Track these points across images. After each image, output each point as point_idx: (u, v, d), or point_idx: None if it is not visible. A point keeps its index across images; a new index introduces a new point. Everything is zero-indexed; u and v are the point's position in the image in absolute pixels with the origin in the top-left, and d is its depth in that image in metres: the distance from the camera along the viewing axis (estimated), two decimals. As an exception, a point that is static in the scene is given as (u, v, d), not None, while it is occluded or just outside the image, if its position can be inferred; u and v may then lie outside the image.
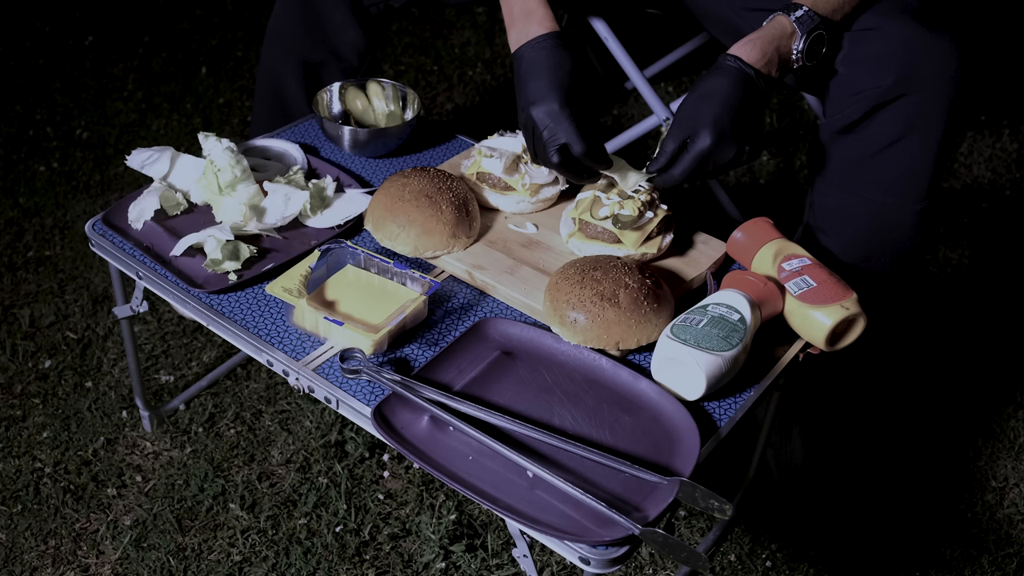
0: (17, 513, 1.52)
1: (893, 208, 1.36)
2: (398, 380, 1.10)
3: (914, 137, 1.30)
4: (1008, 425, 1.74)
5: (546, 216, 1.39)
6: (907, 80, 1.26)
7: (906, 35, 1.26)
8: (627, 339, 1.15)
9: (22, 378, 1.74)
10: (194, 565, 1.46)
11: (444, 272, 1.31)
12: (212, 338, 1.82)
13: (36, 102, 2.49)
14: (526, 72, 1.27)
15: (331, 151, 1.53)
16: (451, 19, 2.90)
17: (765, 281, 1.20)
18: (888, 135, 1.31)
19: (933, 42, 1.26)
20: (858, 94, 1.29)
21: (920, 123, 1.29)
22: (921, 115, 1.29)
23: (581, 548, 0.97)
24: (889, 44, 1.27)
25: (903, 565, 1.52)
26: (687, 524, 1.55)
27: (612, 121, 2.48)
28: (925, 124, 1.29)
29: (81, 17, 2.84)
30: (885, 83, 1.27)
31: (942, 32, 1.27)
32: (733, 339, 1.11)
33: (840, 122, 1.33)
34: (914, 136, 1.30)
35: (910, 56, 1.26)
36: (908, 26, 1.27)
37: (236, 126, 2.43)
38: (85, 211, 2.13)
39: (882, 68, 1.27)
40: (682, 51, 2.36)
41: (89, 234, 1.34)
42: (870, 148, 1.33)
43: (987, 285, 2.05)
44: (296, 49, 1.64)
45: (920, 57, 1.26)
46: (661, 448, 1.07)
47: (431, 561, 1.47)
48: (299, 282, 1.19)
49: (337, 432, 1.64)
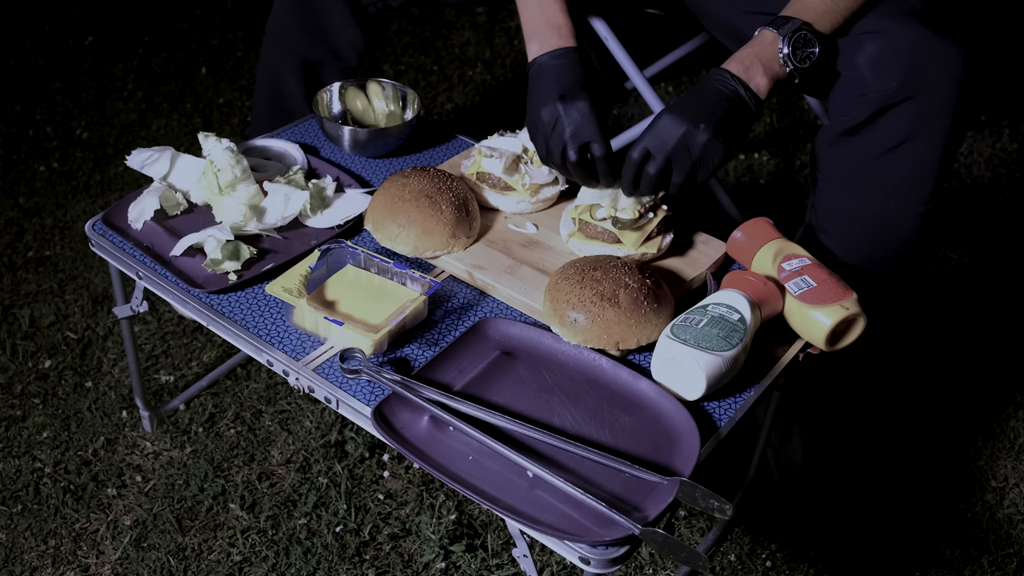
0: (17, 513, 1.52)
1: (896, 210, 1.36)
2: (398, 380, 1.10)
3: (919, 140, 1.30)
4: (1008, 425, 1.74)
5: (546, 216, 1.39)
6: (913, 83, 1.26)
7: (912, 38, 1.26)
8: (627, 339, 1.15)
9: (22, 378, 1.74)
10: (194, 565, 1.46)
11: (444, 272, 1.31)
12: (212, 338, 1.82)
13: (36, 102, 2.49)
14: (551, 73, 1.28)
15: (331, 151, 1.53)
16: (451, 19, 2.90)
17: (765, 281, 1.20)
18: (893, 138, 1.31)
19: (939, 45, 1.26)
20: (862, 96, 1.29)
21: (925, 126, 1.29)
22: (926, 118, 1.28)
23: (581, 548, 0.97)
24: (895, 47, 1.26)
25: (903, 565, 1.52)
26: (687, 524, 1.55)
27: (612, 121, 2.48)
28: (930, 127, 1.29)
29: (81, 17, 2.84)
30: (891, 86, 1.26)
31: (947, 35, 1.27)
32: (733, 339, 1.11)
33: (845, 124, 1.33)
34: (919, 139, 1.30)
35: (916, 59, 1.26)
36: (914, 29, 1.26)
37: (236, 126, 2.43)
38: (85, 211, 2.13)
39: (888, 71, 1.27)
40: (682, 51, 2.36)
41: (89, 234, 1.34)
42: (875, 150, 1.33)
43: (987, 285, 2.05)
44: (295, 48, 1.64)
45: (926, 60, 1.26)
46: (661, 448, 1.07)
47: (431, 561, 1.47)
48: (299, 282, 1.19)
49: (337, 432, 1.64)
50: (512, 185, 1.37)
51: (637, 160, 1.21)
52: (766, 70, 1.23)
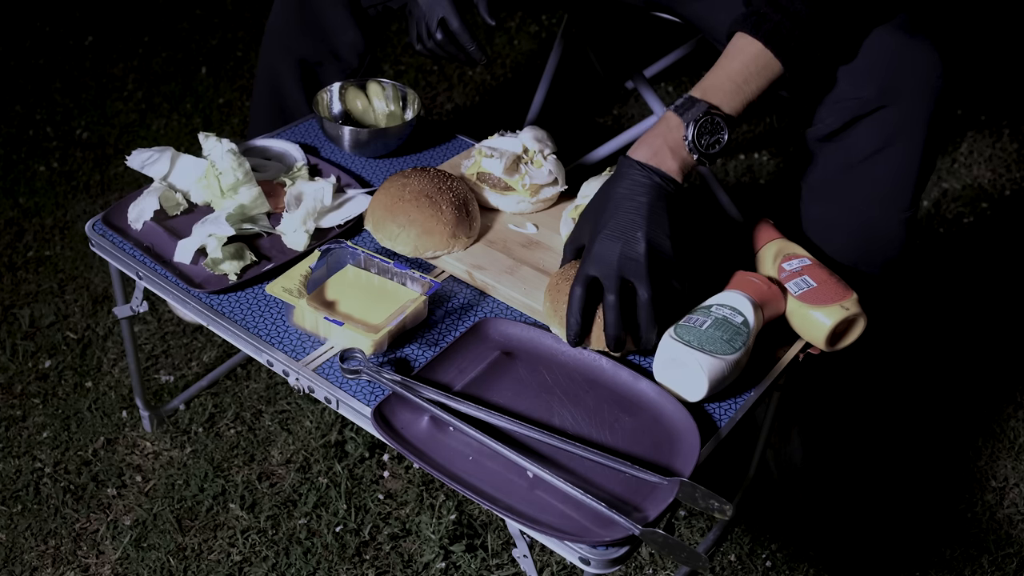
0: (17, 513, 1.52)
1: (879, 217, 1.35)
2: (398, 380, 1.10)
3: (896, 147, 1.29)
4: (1008, 425, 1.74)
5: (546, 216, 1.39)
6: (888, 91, 1.25)
7: (889, 46, 1.25)
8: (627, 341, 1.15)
9: (22, 378, 1.74)
10: (194, 565, 1.46)
11: (444, 272, 1.31)
12: (212, 338, 1.82)
13: (36, 102, 2.49)
14: None
15: (331, 151, 1.53)
16: (451, 19, 2.90)
17: (768, 283, 1.20)
18: (870, 145, 1.29)
19: (916, 53, 1.25)
20: (837, 103, 1.28)
21: (902, 133, 1.27)
22: (903, 126, 1.27)
23: (581, 548, 0.97)
24: (871, 55, 1.25)
25: (903, 565, 1.52)
26: (687, 524, 1.55)
27: (612, 121, 2.48)
28: (907, 134, 1.27)
29: (81, 17, 2.84)
30: (866, 94, 1.25)
31: (925, 41, 1.25)
32: (736, 342, 1.11)
33: (821, 131, 1.32)
34: (896, 146, 1.29)
35: (893, 68, 1.24)
36: (891, 36, 1.25)
37: (236, 126, 2.43)
38: (85, 211, 2.13)
39: (863, 79, 1.25)
40: (682, 51, 2.37)
41: (89, 234, 1.34)
42: (852, 158, 1.32)
43: (987, 285, 2.05)
44: (294, 48, 1.64)
45: (903, 69, 1.24)
46: (661, 448, 1.07)
47: (431, 561, 1.47)
48: (299, 282, 1.19)
49: (337, 432, 1.64)
50: (512, 185, 1.37)
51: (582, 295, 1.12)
52: (674, 155, 1.16)
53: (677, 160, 1.16)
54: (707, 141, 1.17)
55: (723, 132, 1.17)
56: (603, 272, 1.11)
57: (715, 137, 1.17)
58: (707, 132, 1.17)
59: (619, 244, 1.11)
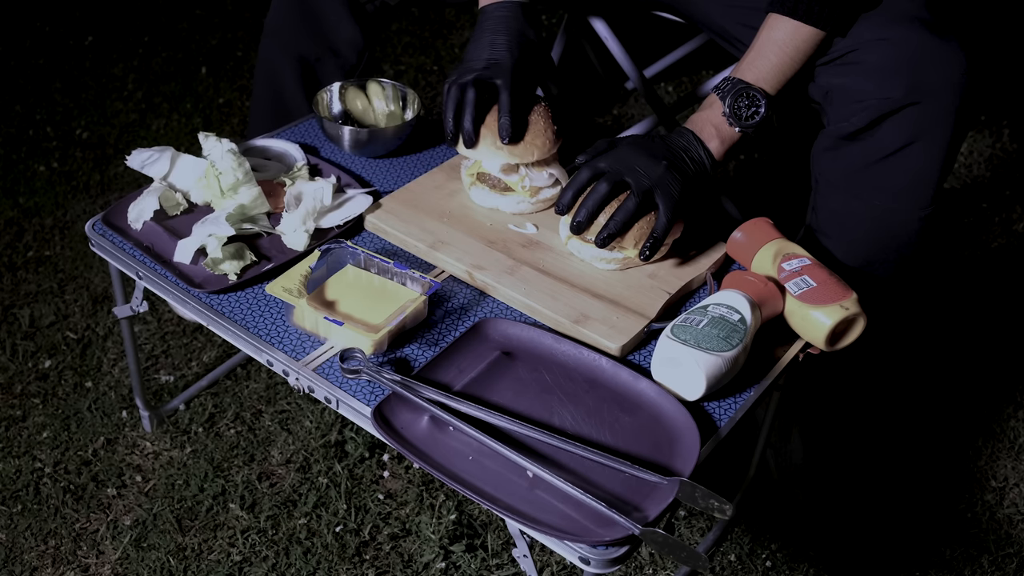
0: (17, 513, 1.53)
1: (897, 214, 1.35)
2: (398, 380, 1.10)
3: (920, 144, 1.29)
4: (1008, 425, 1.74)
5: (546, 216, 1.39)
6: (915, 90, 1.25)
7: (913, 45, 1.25)
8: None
9: (22, 378, 1.74)
10: (194, 565, 1.46)
11: (444, 272, 1.31)
12: (212, 338, 1.82)
13: (36, 102, 2.49)
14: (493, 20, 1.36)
15: (331, 151, 1.53)
16: (451, 19, 2.91)
17: (765, 281, 1.20)
18: (894, 143, 1.30)
19: (941, 51, 1.25)
20: (862, 103, 1.28)
21: (926, 130, 1.28)
22: (927, 123, 1.27)
23: (581, 548, 0.97)
24: (896, 55, 1.25)
25: (903, 565, 1.52)
26: (687, 524, 1.55)
27: (612, 121, 2.48)
28: (931, 131, 1.28)
29: (81, 17, 2.84)
30: (893, 95, 1.26)
31: (950, 39, 1.26)
32: (733, 339, 1.11)
33: (845, 129, 1.32)
34: (920, 143, 1.29)
35: (918, 66, 1.25)
36: (916, 35, 1.25)
37: (236, 126, 2.43)
38: (85, 211, 2.13)
39: (889, 79, 1.26)
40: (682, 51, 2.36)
41: (89, 234, 1.34)
42: (875, 155, 1.32)
43: (987, 285, 2.05)
44: (293, 45, 1.64)
45: (928, 67, 1.25)
46: (661, 448, 1.07)
47: (431, 561, 1.47)
48: (299, 282, 1.19)
49: (337, 432, 1.64)
50: (512, 186, 1.37)
51: (586, 178, 1.24)
52: (718, 132, 1.28)
53: (720, 138, 1.28)
54: (745, 113, 1.27)
55: (760, 104, 1.27)
56: (614, 169, 1.22)
57: (752, 109, 1.27)
58: (744, 105, 1.27)
59: (643, 158, 1.22)
